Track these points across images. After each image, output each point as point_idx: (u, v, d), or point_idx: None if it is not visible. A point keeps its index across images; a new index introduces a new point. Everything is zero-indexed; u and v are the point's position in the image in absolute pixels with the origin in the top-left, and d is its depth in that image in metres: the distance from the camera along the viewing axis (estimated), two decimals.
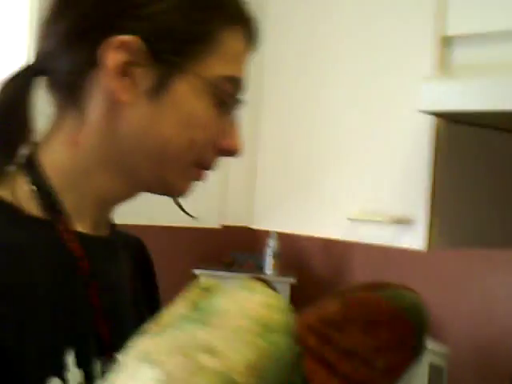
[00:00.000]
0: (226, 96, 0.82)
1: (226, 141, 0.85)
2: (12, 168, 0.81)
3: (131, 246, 0.97)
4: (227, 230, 2.09)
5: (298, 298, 2.28)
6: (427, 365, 1.72)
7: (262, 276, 0.84)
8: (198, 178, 0.86)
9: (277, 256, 2.28)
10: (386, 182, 1.60)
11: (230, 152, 0.85)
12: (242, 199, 1.92)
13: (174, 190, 0.85)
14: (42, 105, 0.84)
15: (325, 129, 1.77)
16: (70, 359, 0.76)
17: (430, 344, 1.75)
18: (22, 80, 0.81)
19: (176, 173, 0.83)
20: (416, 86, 1.38)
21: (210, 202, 1.86)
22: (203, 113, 0.82)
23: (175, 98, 0.80)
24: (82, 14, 0.80)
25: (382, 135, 1.63)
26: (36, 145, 0.82)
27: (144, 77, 0.79)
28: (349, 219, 1.62)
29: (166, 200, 0.88)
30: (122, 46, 0.78)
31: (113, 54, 0.78)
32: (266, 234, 2.33)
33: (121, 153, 0.82)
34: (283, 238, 2.32)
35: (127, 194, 0.85)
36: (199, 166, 0.84)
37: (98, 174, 0.82)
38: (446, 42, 1.50)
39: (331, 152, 1.75)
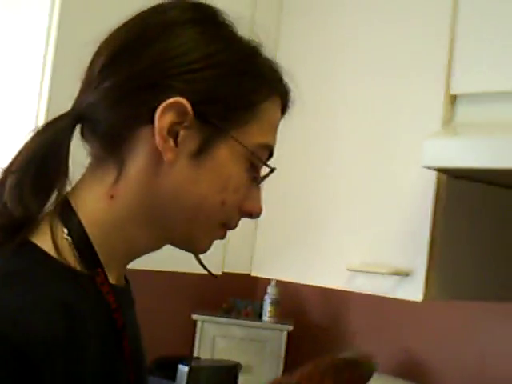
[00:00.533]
0: (259, 162, 0.87)
1: (252, 204, 0.89)
2: (45, 213, 0.82)
3: None
4: (227, 276, 2.13)
5: (295, 346, 2.32)
6: None
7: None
8: (221, 237, 0.90)
9: (275, 303, 2.31)
10: (386, 234, 1.64)
11: (253, 214, 0.90)
12: (243, 248, 1.96)
13: (197, 246, 0.89)
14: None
15: (327, 180, 1.81)
16: None
17: None
18: (63, 124, 0.84)
19: (204, 231, 0.87)
20: (420, 142, 1.43)
21: (211, 250, 1.90)
22: (238, 177, 0.86)
23: (215, 161, 0.84)
24: (135, 71, 0.83)
25: (384, 188, 1.67)
26: (69, 192, 0.84)
27: (189, 138, 0.83)
28: (348, 270, 1.66)
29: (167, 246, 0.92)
30: (174, 107, 0.81)
31: (164, 114, 0.81)
32: (266, 280, 2.36)
33: (156, 208, 0.84)
34: (282, 285, 2.35)
35: (154, 247, 0.89)
36: (225, 226, 0.89)
37: (131, 227, 0.85)
38: (452, 100, 1.55)
39: (332, 203, 1.79)
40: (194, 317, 2.30)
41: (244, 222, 0.90)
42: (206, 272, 2.07)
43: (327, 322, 2.38)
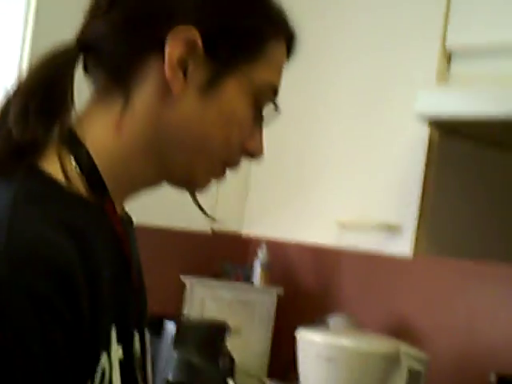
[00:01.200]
0: (265, 100, 0.87)
1: (254, 143, 0.89)
2: (51, 143, 0.81)
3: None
4: (217, 237, 2.13)
5: (284, 309, 2.32)
6: (406, 369, 1.76)
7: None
8: (221, 175, 0.89)
9: (265, 267, 2.32)
10: (377, 191, 1.65)
11: (255, 154, 0.89)
12: (234, 204, 1.96)
13: (197, 183, 0.88)
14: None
15: (317, 136, 1.81)
16: (114, 335, 0.80)
17: (410, 349, 1.79)
18: (69, 54, 0.83)
19: (205, 167, 0.86)
20: (414, 98, 1.44)
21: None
22: (243, 113, 0.86)
23: (222, 96, 0.84)
24: (144, 1, 0.83)
25: (376, 145, 1.68)
26: (74, 123, 0.83)
27: (198, 71, 0.82)
28: (338, 225, 1.66)
29: (158, 199, 0.91)
30: (184, 37, 0.81)
31: (175, 44, 0.81)
32: (256, 243, 2.36)
33: (161, 141, 0.84)
34: (273, 247, 2.35)
35: (154, 182, 0.88)
36: (226, 163, 0.88)
37: (135, 160, 0.84)
38: (447, 54, 1.56)
39: (323, 159, 1.79)
40: (184, 278, 2.30)
41: (236, 180, 0.90)
42: (196, 230, 2.07)
43: (317, 285, 2.39)
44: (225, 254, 2.45)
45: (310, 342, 1.78)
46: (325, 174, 1.78)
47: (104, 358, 0.77)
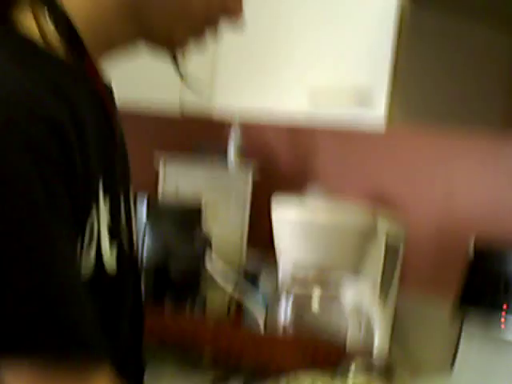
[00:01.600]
0: None
1: (235, 4, 0.87)
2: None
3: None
4: (188, 119, 2.09)
5: (260, 186, 2.31)
6: (383, 245, 1.75)
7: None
8: (201, 35, 0.87)
9: (239, 149, 2.29)
10: (349, 59, 1.62)
11: (236, 16, 0.88)
12: (203, 76, 1.90)
13: (176, 41, 0.86)
14: None
15: (288, 3, 1.76)
16: (101, 192, 0.79)
17: (388, 223, 1.78)
18: None
19: (184, 27, 0.85)
20: None
21: (170, 86, 1.85)
22: None
23: None
24: None
25: (348, 10, 1.63)
26: None
27: None
28: (310, 92, 1.63)
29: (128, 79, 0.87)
30: None
31: None
32: (229, 126, 2.32)
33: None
34: (246, 129, 2.32)
35: (133, 40, 0.86)
36: (206, 22, 0.86)
37: (113, 18, 0.82)
38: None
39: (295, 27, 1.75)
40: (158, 160, 2.27)
41: (204, 52, 0.89)
42: (166, 112, 2.01)
43: (292, 161, 2.37)
44: (198, 136, 2.41)
45: (285, 219, 1.77)
46: (295, 44, 1.73)
47: (93, 213, 0.76)
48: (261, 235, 2.11)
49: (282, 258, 1.81)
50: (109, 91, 0.88)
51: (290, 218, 1.76)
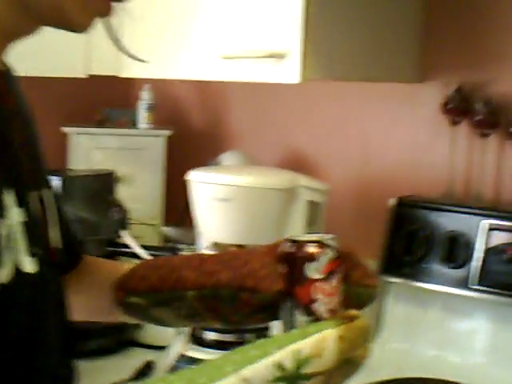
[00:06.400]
0: None
1: None
2: None
3: None
4: (95, 82, 2.02)
5: (175, 151, 2.27)
6: (305, 201, 1.74)
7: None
8: (103, 11, 0.82)
9: (151, 109, 2.25)
10: (258, 18, 1.59)
11: None
12: (109, 47, 1.84)
13: (73, 22, 0.80)
14: None
15: None
16: (11, 199, 0.76)
17: (308, 181, 1.77)
18: None
19: (75, 3, 0.78)
20: None
21: (74, 50, 1.78)
22: None
23: None
24: None
25: None
26: None
27: None
28: (222, 58, 1.61)
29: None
30: None
31: None
32: (139, 87, 2.27)
33: None
34: (157, 89, 2.27)
35: (27, 27, 0.82)
36: None
37: (5, 13, 0.78)
38: None
39: None
40: (66, 130, 2.20)
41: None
42: (70, 76, 1.93)
43: (207, 125, 2.35)
44: (107, 100, 2.35)
45: (203, 184, 1.73)
46: (203, 7, 1.68)
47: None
48: (178, 201, 2.07)
49: (200, 229, 1.78)
50: (10, 77, 0.85)
51: (207, 182, 1.73)
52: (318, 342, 0.80)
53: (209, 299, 0.93)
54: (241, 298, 0.91)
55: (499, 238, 1.66)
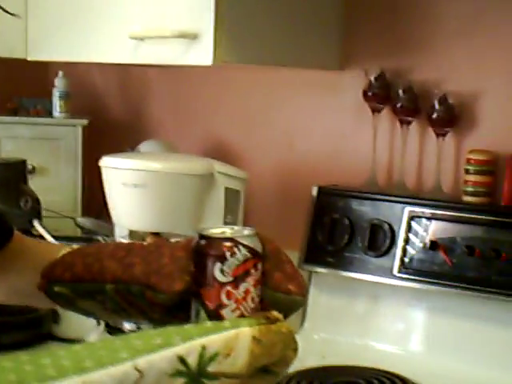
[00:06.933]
0: None
1: None
2: None
3: None
4: (7, 68, 1.95)
5: (92, 142, 2.21)
6: (222, 188, 1.71)
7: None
8: None
9: (65, 97, 2.18)
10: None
11: None
12: (14, 32, 1.77)
13: None
14: None
15: None
16: None
17: (226, 168, 1.74)
18: None
19: None
20: None
21: None
22: None
23: None
24: None
25: None
26: None
27: None
28: (132, 39, 1.57)
29: None
30: None
31: None
32: (53, 74, 2.21)
33: None
34: (73, 76, 2.22)
35: None
36: None
37: None
38: None
39: None
40: None
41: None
42: None
43: (126, 114, 2.30)
44: (21, 89, 2.27)
45: (115, 169, 1.68)
46: None
47: None
48: (96, 192, 2.01)
49: (114, 217, 1.73)
50: None
51: (120, 167, 1.67)
52: (229, 339, 0.73)
53: (126, 294, 0.85)
54: (146, 295, 0.84)
55: (421, 226, 1.65)
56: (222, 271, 0.78)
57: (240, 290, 0.78)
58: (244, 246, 0.78)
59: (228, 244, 0.78)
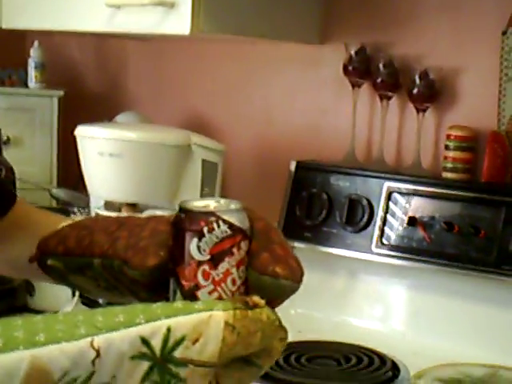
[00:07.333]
0: None
1: None
2: None
3: None
4: None
5: (67, 113, 2.18)
6: (200, 160, 1.69)
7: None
8: None
9: (41, 67, 2.15)
10: None
11: None
12: None
13: None
14: None
15: None
16: None
17: (203, 140, 1.72)
18: None
19: None
20: None
21: None
22: None
23: None
24: None
25: None
26: None
27: None
28: (108, 6, 1.56)
29: None
30: None
31: None
32: (29, 44, 2.18)
33: None
34: (50, 46, 2.19)
35: None
36: None
37: None
38: None
39: None
40: None
41: None
42: None
43: (103, 86, 2.27)
44: None
45: (91, 138, 1.65)
46: None
47: None
48: (73, 163, 1.99)
49: (90, 187, 1.70)
50: None
51: (95, 136, 1.65)
52: (199, 323, 0.65)
53: (111, 269, 0.79)
54: (123, 271, 0.77)
55: (400, 202, 1.64)
56: (198, 248, 0.71)
57: (219, 270, 0.71)
58: (225, 221, 0.71)
59: (207, 218, 0.71)
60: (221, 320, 0.66)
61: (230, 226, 0.71)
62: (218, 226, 0.70)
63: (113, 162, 1.63)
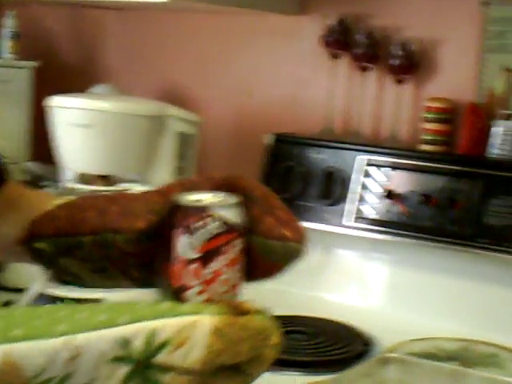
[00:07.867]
0: None
1: None
2: None
3: None
4: None
5: (42, 84, 2.14)
6: (174, 132, 1.66)
7: None
8: None
9: (16, 37, 2.11)
10: None
11: None
12: None
13: None
14: None
15: None
16: None
17: (178, 111, 1.68)
18: None
19: None
20: None
21: None
22: None
23: None
24: None
25: None
26: None
27: None
28: None
29: None
30: None
31: None
32: (2, 14, 2.16)
33: None
34: (24, 16, 2.16)
35: None
36: None
37: None
38: None
39: None
40: None
41: None
42: None
43: (78, 57, 2.24)
44: None
45: (63, 109, 1.62)
46: None
47: None
48: (46, 137, 1.96)
49: (62, 159, 1.67)
50: None
51: (67, 107, 1.61)
52: (184, 327, 0.61)
53: (101, 245, 0.75)
54: (115, 242, 0.74)
55: (377, 174, 1.62)
56: (188, 246, 0.66)
57: (209, 269, 0.66)
58: (218, 218, 0.66)
59: (198, 214, 0.66)
60: (208, 325, 0.61)
61: (223, 222, 0.67)
62: (210, 223, 0.66)
63: (85, 133, 1.60)
